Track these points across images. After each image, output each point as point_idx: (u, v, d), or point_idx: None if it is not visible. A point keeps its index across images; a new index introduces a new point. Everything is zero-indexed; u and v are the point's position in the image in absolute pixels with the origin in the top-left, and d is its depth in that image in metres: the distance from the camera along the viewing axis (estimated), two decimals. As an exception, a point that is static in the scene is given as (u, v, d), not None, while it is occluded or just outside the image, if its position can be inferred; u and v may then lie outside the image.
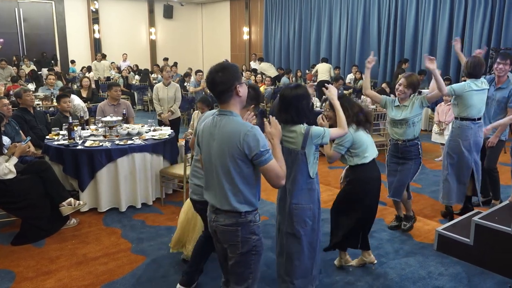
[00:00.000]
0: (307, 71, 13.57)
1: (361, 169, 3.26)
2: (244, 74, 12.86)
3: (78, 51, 15.97)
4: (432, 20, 10.89)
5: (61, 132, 5.19)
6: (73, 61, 15.29)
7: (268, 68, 13.76)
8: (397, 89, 3.86)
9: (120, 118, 5.27)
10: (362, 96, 6.75)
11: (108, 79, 13.18)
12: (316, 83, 11.30)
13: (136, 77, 13.51)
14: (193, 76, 10.85)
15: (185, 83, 10.79)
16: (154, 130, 5.45)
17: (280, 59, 15.69)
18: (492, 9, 9.68)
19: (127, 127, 5.30)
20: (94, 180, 4.64)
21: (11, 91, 7.91)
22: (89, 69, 13.96)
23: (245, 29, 17.25)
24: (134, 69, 14.69)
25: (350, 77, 11.81)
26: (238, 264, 2.26)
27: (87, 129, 5.43)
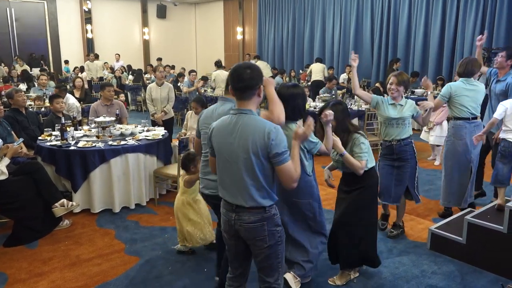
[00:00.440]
0: (301, 71, 13.60)
1: (373, 172, 3.21)
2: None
3: (71, 51, 15.88)
4: (425, 20, 10.96)
5: (54, 133, 5.16)
6: (67, 61, 15.20)
7: (264, 67, 13.76)
8: (389, 89, 3.81)
9: (113, 119, 5.24)
10: (356, 96, 6.79)
11: (101, 79, 13.12)
12: (310, 83, 11.35)
13: (130, 77, 13.46)
14: (187, 76, 10.83)
15: (179, 83, 10.76)
16: (148, 131, 5.43)
17: (274, 59, 15.71)
18: (484, 10, 9.77)
19: (120, 128, 5.28)
20: (87, 181, 4.62)
21: (3, 92, 7.85)
22: (82, 69, 13.89)
23: (239, 29, 17.25)
24: (127, 69, 14.63)
25: (344, 77, 11.85)
26: (269, 257, 2.29)
27: (80, 130, 5.41)
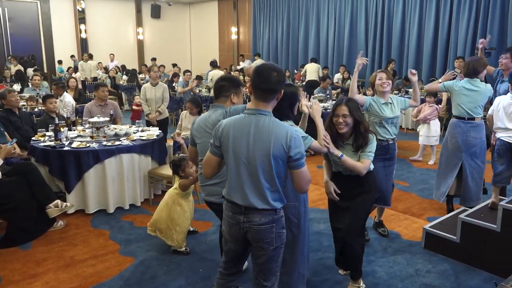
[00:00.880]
0: (296, 71, 13.62)
1: (373, 175, 3.13)
2: (233, 74, 12.87)
3: (65, 51, 15.78)
4: (419, 21, 11.01)
5: (47, 133, 5.13)
6: (60, 61, 15.11)
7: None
8: (381, 84, 3.70)
9: (108, 119, 5.22)
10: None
11: (95, 80, 13.06)
12: (305, 83, 11.37)
13: (124, 78, 13.41)
14: (181, 76, 10.80)
15: (174, 84, 10.74)
16: (142, 131, 5.42)
17: (269, 59, 15.71)
18: (477, 11, 9.83)
19: (115, 128, 5.26)
20: (82, 182, 4.60)
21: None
22: (76, 70, 13.81)
23: (233, 29, 17.24)
24: (122, 69, 14.57)
25: (338, 77, 11.88)
26: (271, 260, 2.28)
27: (74, 130, 5.38)
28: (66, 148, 4.59)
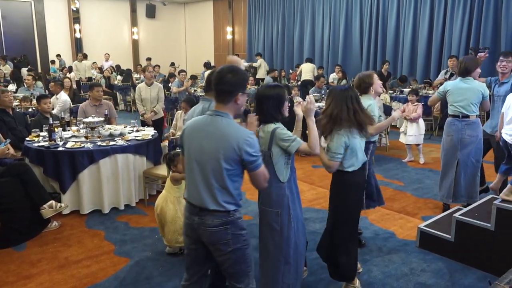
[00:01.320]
0: (291, 71, 13.63)
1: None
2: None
3: (59, 51, 15.69)
4: (413, 21, 11.05)
5: (42, 134, 5.10)
6: (54, 61, 15.04)
7: (263, 66, 13.87)
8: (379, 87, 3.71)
9: (102, 119, 5.21)
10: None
11: (90, 80, 13.01)
12: (300, 83, 11.39)
13: (118, 77, 13.36)
14: (177, 76, 10.78)
15: (170, 84, 10.73)
16: (137, 131, 5.40)
17: (264, 59, 15.70)
18: (471, 11, 9.88)
19: (109, 128, 5.24)
20: (76, 182, 4.58)
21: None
22: (70, 69, 13.75)
23: (229, 29, 17.22)
24: (116, 69, 14.52)
25: (333, 77, 11.89)
26: (236, 262, 2.27)
27: (69, 130, 5.35)
28: (61, 149, 4.57)
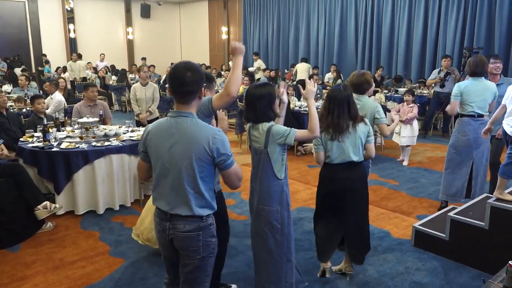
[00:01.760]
0: (286, 71, 13.64)
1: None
2: (223, 74, 12.86)
3: (53, 51, 15.62)
4: (408, 21, 11.09)
5: (36, 134, 5.08)
6: (47, 61, 14.96)
7: (261, 65, 13.77)
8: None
9: (97, 119, 5.19)
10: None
11: (84, 80, 12.95)
12: (295, 83, 11.39)
13: (113, 78, 13.31)
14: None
15: (167, 84, 10.71)
16: (132, 131, 5.39)
17: (260, 58, 15.70)
18: (465, 11, 9.94)
19: (104, 128, 5.22)
20: (71, 183, 4.56)
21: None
22: (65, 70, 13.68)
23: (224, 29, 17.21)
24: (111, 69, 14.47)
25: (329, 76, 11.92)
26: (197, 269, 2.18)
27: (63, 131, 5.33)
28: (55, 149, 4.55)
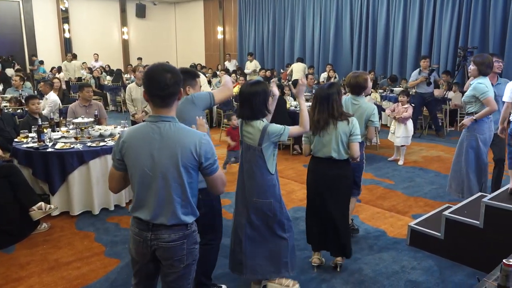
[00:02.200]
0: (282, 70, 13.65)
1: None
2: (219, 74, 12.84)
3: (48, 51, 15.56)
4: (403, 21, 11.14)
5: (30, 135, 5.05)
6: (42, 61, 14.90)
7: (256, 66, 13.78)
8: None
9: (92, 120, 5.17)
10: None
11: (79, 80, 12.90)
12: (291, 82, 11.41)
13: (108, 78, 13.27)
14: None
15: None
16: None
17: (255, 59, 15.71)
18: (459, 11, 10.00)
19: (99, 129, 5.20)
20: (66, 183, 4.54)
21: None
22: (59, 70, 13.62)
23: (219, 29, 17.19)
24: (106, 69, 14.42)
25: (324, 76, 11.94)
26: (181, 278, 2.10)
27: (58, 131, 5.30)
28: (50, 150, 4.53)
